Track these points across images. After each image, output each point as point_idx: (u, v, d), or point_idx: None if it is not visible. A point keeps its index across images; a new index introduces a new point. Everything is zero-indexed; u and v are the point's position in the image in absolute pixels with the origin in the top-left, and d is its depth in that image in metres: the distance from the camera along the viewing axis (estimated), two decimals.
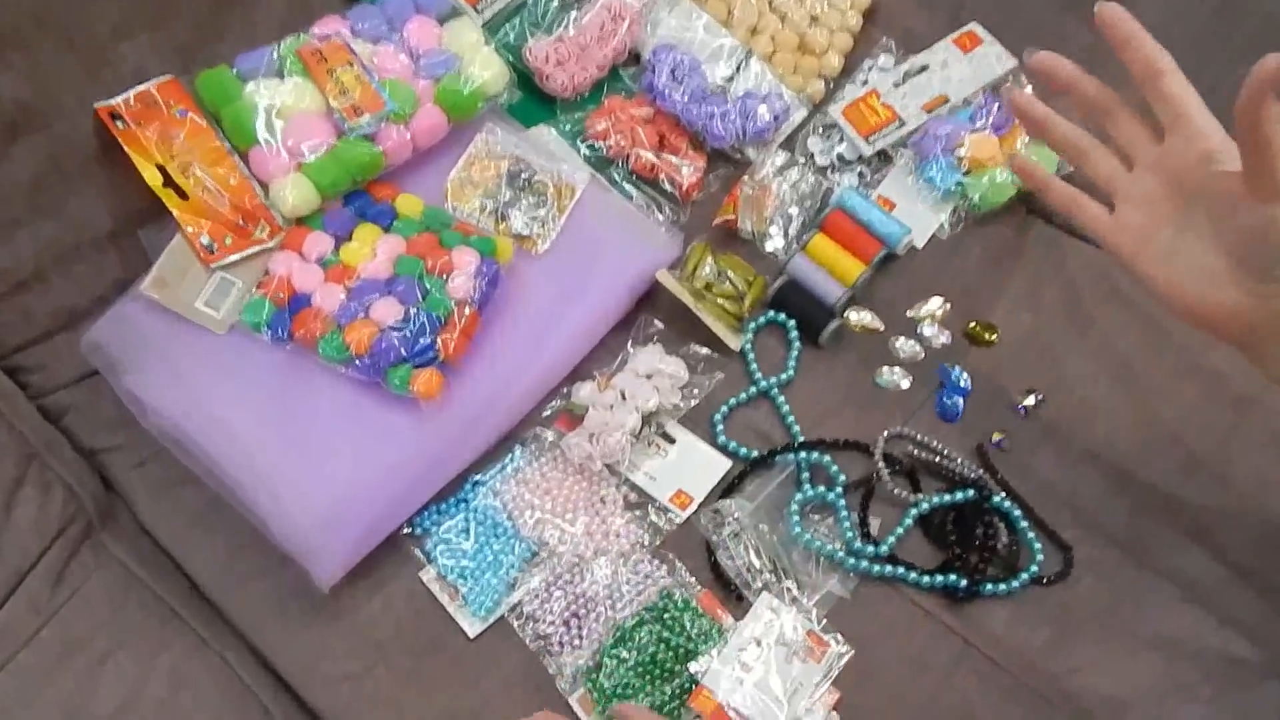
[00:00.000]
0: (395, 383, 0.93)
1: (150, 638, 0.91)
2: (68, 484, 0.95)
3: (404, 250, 1.00)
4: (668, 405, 1.00)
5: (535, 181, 1.07)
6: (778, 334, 1.10)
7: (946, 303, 1.11)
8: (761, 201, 1.15)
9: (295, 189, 0.98)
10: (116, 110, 0.98)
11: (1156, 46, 0.70)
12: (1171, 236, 0.72)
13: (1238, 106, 0.61)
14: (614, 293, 1.05)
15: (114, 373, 0.95)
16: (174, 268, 0.96)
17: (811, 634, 0.89)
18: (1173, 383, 1.04)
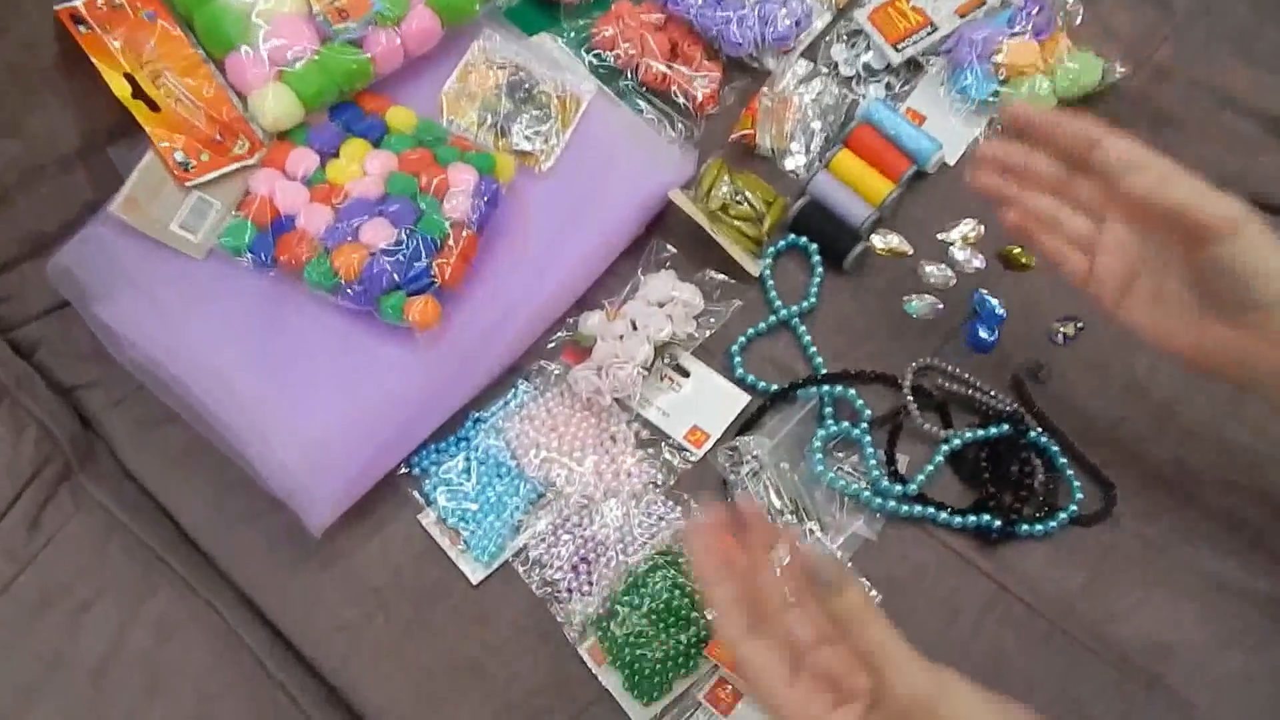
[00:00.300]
0: (388, 311, 0.86)
1: (134, 585, 0.86)
2: (42, 423, 0.89)
3: (396, 167, 0.92)
4: (681, 335, 0.93)
5: (537, 93, 0.99)
6: (798, 259, 1.02)
7: (980, 224, 1.03)
8: (781, 115, 1.07)
9: (276, 100, 0.90)
10: (78, 13, 0.90)
11: (1077, 120, 0.74)
12: (1151, 281, 0.73)
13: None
14: (623, 214, 0.98)
15: (84, 301, 0.88)
16: (146, 187, 0.88)
17: None
18: None
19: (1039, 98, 1.05)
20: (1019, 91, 1.05)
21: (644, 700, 0.81)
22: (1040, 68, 1.06)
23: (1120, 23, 1.10)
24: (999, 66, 1.06)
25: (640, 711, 0.81)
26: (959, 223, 1.03)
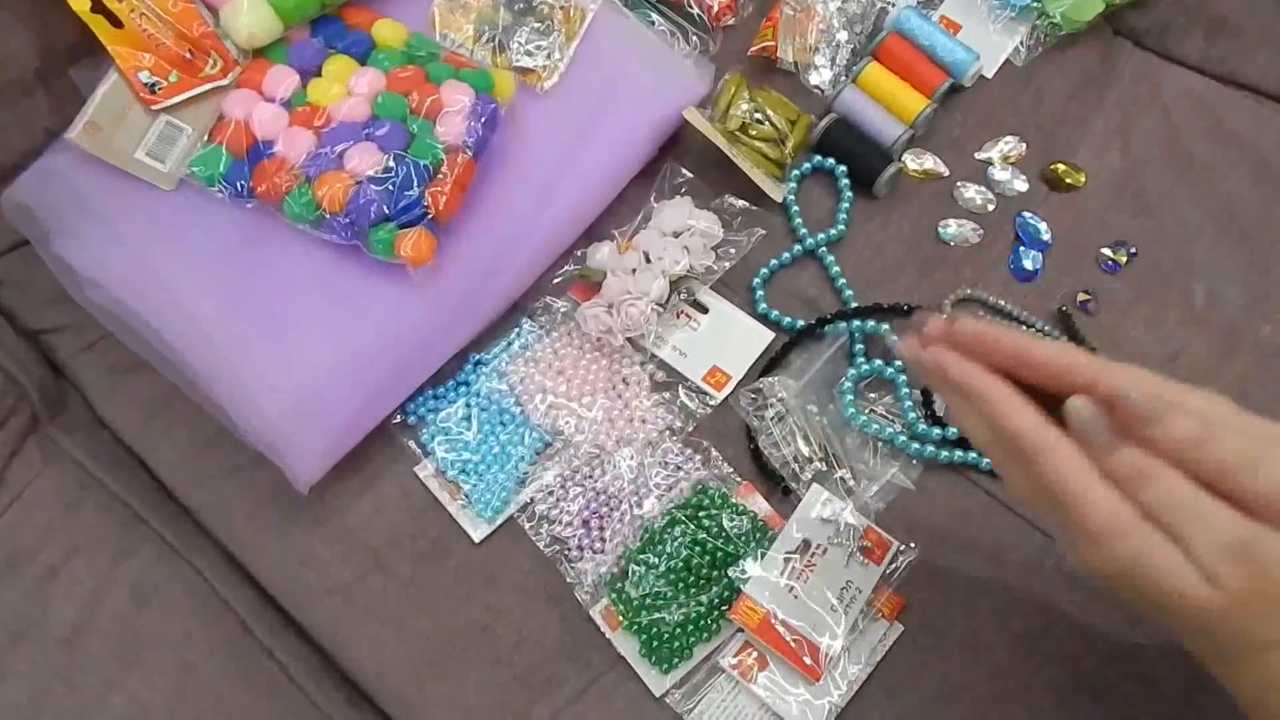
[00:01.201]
0: (377, 245, 0.77)
1: (109, 544, 0.78)
2: (6, 371, 0.80)
3: (384, 87, 0.82)
4: (699, 268, 0.84)
5: (538, 4, 0.89)
6: (825, 182, 0.93)
7: (1022, 142, 0.93)
8: (805, 25, 0.97)
9: (252, 13, 0.80)
10: None
11: (1060, 347, 0.52)
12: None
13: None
14: (634, 136, 0.88)
15: (43, 239, 0.79)
16: (109, 112, 0.79)
17: (870, 530, 0.75)
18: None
19: (1085, 4, 0.95)
20: None
21: (662, 667, 0.73)
22: None
23: None
24: None
25: (657, 679, 0.73)
26: (998, 140, 0.94)
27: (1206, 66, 0.96)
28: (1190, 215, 0.89)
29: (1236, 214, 0.89)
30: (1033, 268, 0.87)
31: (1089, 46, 0.97)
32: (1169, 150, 0.92)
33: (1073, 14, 0.95)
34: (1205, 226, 0.88)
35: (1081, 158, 0.92)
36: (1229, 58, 0.96)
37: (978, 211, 0.90)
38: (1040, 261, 0.87)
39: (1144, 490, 0.47)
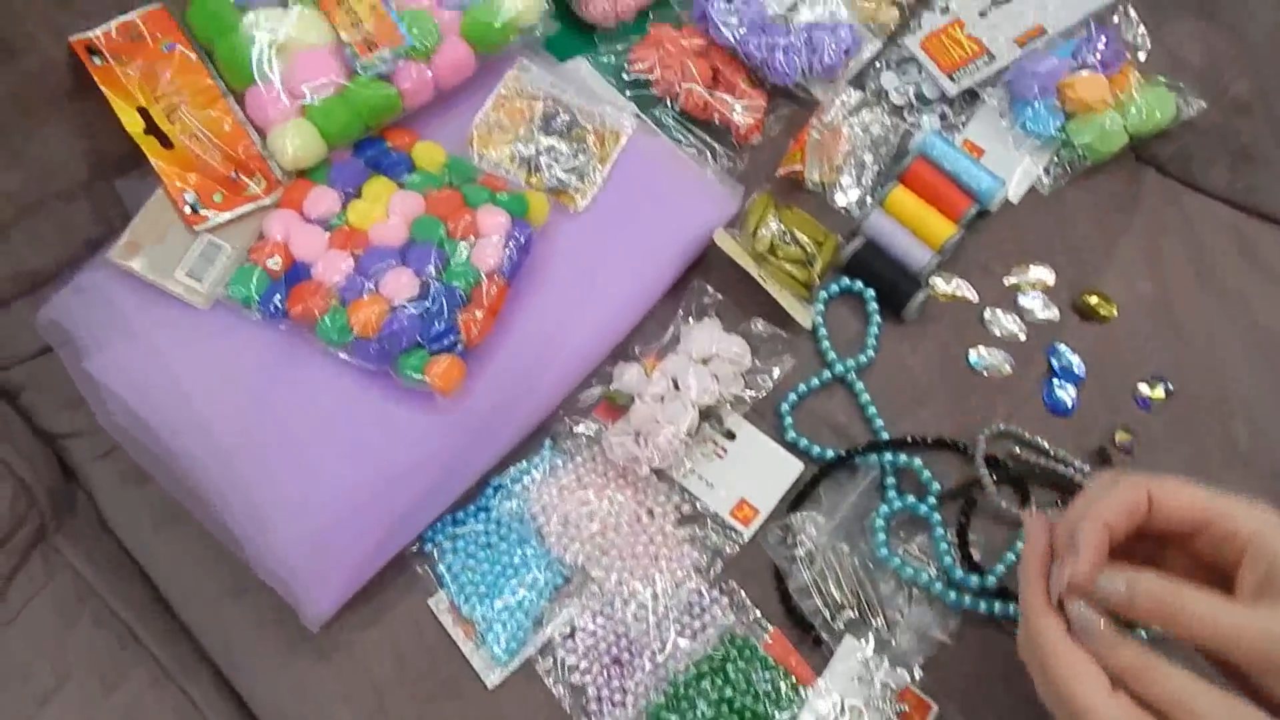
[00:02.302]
0: (407, 372, 0.68)
1: (103, 668, 0.68)
2: (20, 478, 0.72)
3: (422, 209, 0.74)
4: (727, 396, 0.74)
5: (574, 126, 0.80)
6: (852, 303, 0.83)
7: (1051, 269, 0.83)
8: (831, 147, 0.87)
9: (297, 136, 0.72)
10: (94, 44, 0.73)
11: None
12: None
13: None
14: (664, 257, 0.79)
15: (72, 355, 0.71)
16: (151, 230, 0.71)
17: (908, 691, 0.64)
18: None
19: (1110, 135, 0.85)
20: (1086, 129, 0.85)
21: None
22: (1110, 103, 0.86)
23: (1191, 53, 0.89)
24: (1064, 101, 0.86)
25: None
26: (1027, 267, 0.84)
27: (1233, 197, 0.87)
28: (1227, 348, 0.79)
29: (1275, 346, 0.78)
30: (1068, 402, 0.77)
31: (1114, 174, 0.88)
32: (1201, 280, 0.82)
33: (1098, 145, 0.85)
34: (1243, 360, 0.78)
35: (1111, 285, 0.82)
36: (1255, 189, 0.87)
37: (1008, 339, 0.81)
38: (1075, 395, 0.77)
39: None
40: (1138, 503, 0.49)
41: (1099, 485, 0.51)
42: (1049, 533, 0.51)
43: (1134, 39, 0.90)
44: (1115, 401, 0.78)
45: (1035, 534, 0.52)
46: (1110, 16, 0.91)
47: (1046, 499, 0.73)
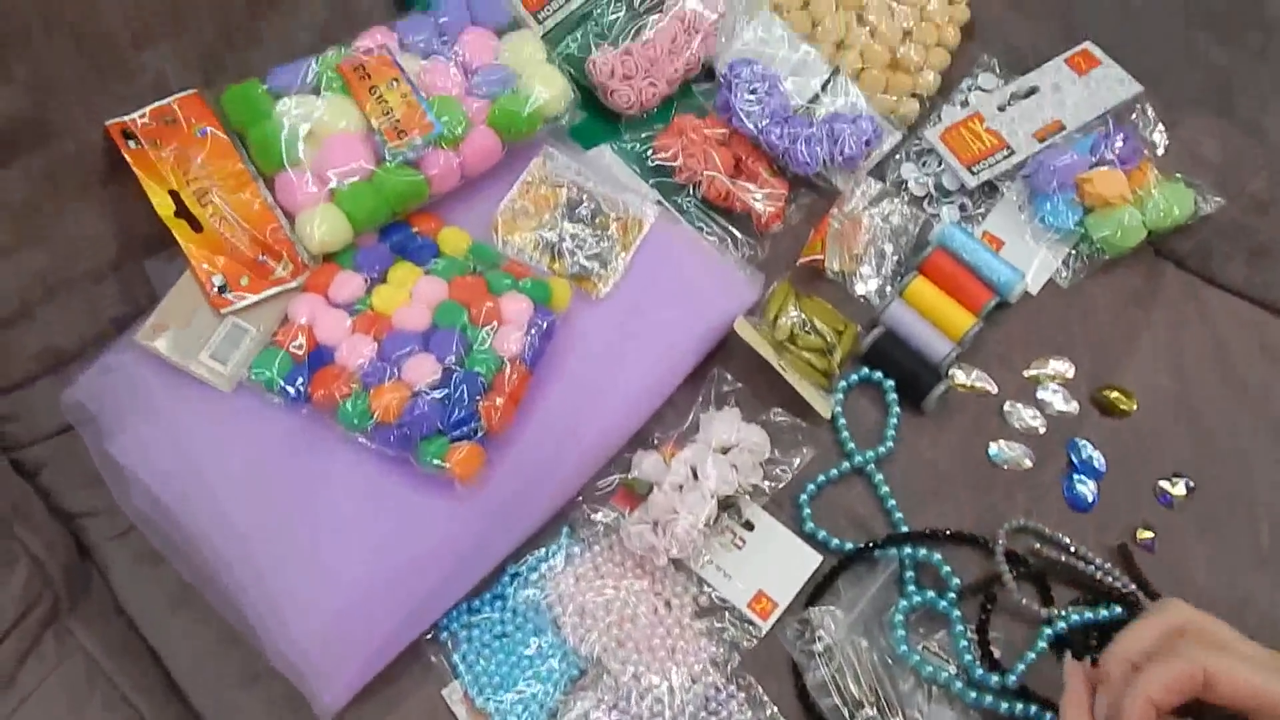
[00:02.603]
0: (427, 459, 0.68)
1: None
2: (35, 557, 0.71)
3: (446, 295, 0.74)
4: (746, 487, 0.74)
5: (598, 214, 0.80)
6: (871, 393, 0.83)
7: (1070, 363, 0.83)
8: (851, 237, 0.88)
9: (325, 221, 0.73)
10: (129, 128, 0.74)
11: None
12: None
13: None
14: (685, 344, 0.79)
15: (94, 437, 0.71)
16: (178, 312, 0.72)
17: None
18: None
19: (1130, 230, 0.85)
20: (1104, 224, 0.86)
21: None
22: (1128, 199, 0.86)
23: (1209, 151, 0.90)
24: (1083, 195, 0.86)
25: None
26: (1047, 361, 0.83)
27: (1251, 293, 0.87)
28: (1249, 444, 0.78)
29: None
30: (1089, 498, 0.76)
31: (1133, 268, 0.88)
32: (1221, 375, 0.82)
33: (1116, 240, 0.86)
34: (1265, 457, 0.78)
35: (1131, 379, 0.82)
36: (1273, 285, 0.87)
37: (1028, 433, 0.80)
38: (1095, 491, 0.76)
39: None
40: (1192, 682, 0.49)
41: (1147, 629, 0.51)
42: (1086, 681, 0.50)
43: (1151, 135, 0.91)
44: (1136, 497, 0.77)
45: (1074, 684, 0.51)
46: (1128, 113, 0.92)
47: (1067, 596, 0.72)
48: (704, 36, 0.92)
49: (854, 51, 0.94)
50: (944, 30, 0.95)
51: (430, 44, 0.81)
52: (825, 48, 0.94)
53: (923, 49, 0.95)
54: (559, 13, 0.90)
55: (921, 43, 0.95)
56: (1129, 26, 0.95)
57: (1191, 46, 0.94)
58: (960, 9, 0.95)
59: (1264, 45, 0.91)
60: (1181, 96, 0.92)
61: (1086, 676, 0.52)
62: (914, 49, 0.94)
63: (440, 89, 0.79)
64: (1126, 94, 0.92)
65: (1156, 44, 0.94)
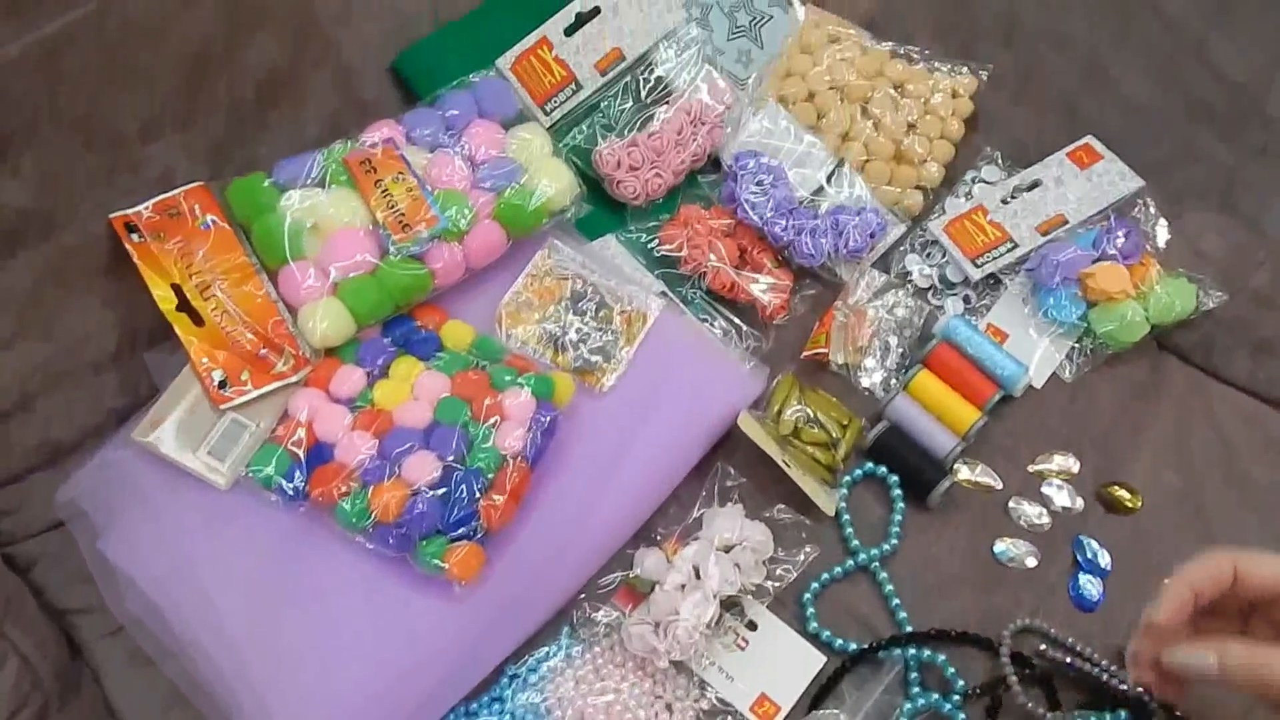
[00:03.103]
0: (425, 559, 0.66)
1: None
2: (25, 656, 0.69)
3: (447, 390, 0.73)
4: (749, 586, 0.72)
5: (602, 307, 0.80)
6: (876, 488, 0.81)
7: (1075, 458, 0.82)
8: (856, 329, 0.87)
9: (327, 316, 0.73)
10: (133, 221, 0.74)
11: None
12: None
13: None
14: (688, 439, 0.78)
15: (88, 537, 0.69)
16: (176, 407, 0.71)
17: None
18: None
19: (1132, 326, 0.85)
20: (1108, 318, 0.85)
21: None
22: (1131, 293, 0.86)
23: (1210, 246, 0.90)
24: (1087, 290, 0.86)
25: None
26: (1051, 456, 0.82)
27: (1255, 388, 0.86)
28: (1255, 542, 0.76)
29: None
30: (1094, 598, 0.74)
31: (1137, 362, 0.87)
32: (1226, 471, 0.80)
33: (1119, 334, 0.85)
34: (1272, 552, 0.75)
35: (1136, 474, 0.81)
36: (1278, 381, 0.85)
37: (1033, 529, 0.78)
38: (1101, 589, 0.75)
39: None
40: (1222, 572, 0.53)
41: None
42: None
43: (1154, 230, 0.91)
44: (1143, 596, 0.75)
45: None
46: (1130, 208, 0.92)
47: (1074, 699, 0.70)
48: (710, 128, 0.93)
49: (858, 143, 0.94)
50: (948, 123, 0.96)
51: (436, 137, 0.81)
52: (830, 139, 0.95)
53: (927, 141, 0.95)
54: (566, 104, 0.90)
55: (925, 135, 0.95)
56: (1131, 121, 0.96)
57: (1193, 142, 0.94)
58: (963, 102, 0.96)
59: (1265, 142, 0.91)
60: (1183, 191, 0.92)
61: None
62: (918, 141, 0.94)
63: (446, 182, 0.78)
64: (1128, 189, 0.92)
65: (1158, 139, 0.95)
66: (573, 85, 0.89)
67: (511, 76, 0.88)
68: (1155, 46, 0.94)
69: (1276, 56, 0.90)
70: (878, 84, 0.95)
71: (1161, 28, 0.94)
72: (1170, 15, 0.93)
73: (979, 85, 0.96)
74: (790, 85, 0.96)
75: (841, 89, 0.95)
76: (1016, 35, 0.99)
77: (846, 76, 0.95)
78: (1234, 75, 0.91)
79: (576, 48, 0.89)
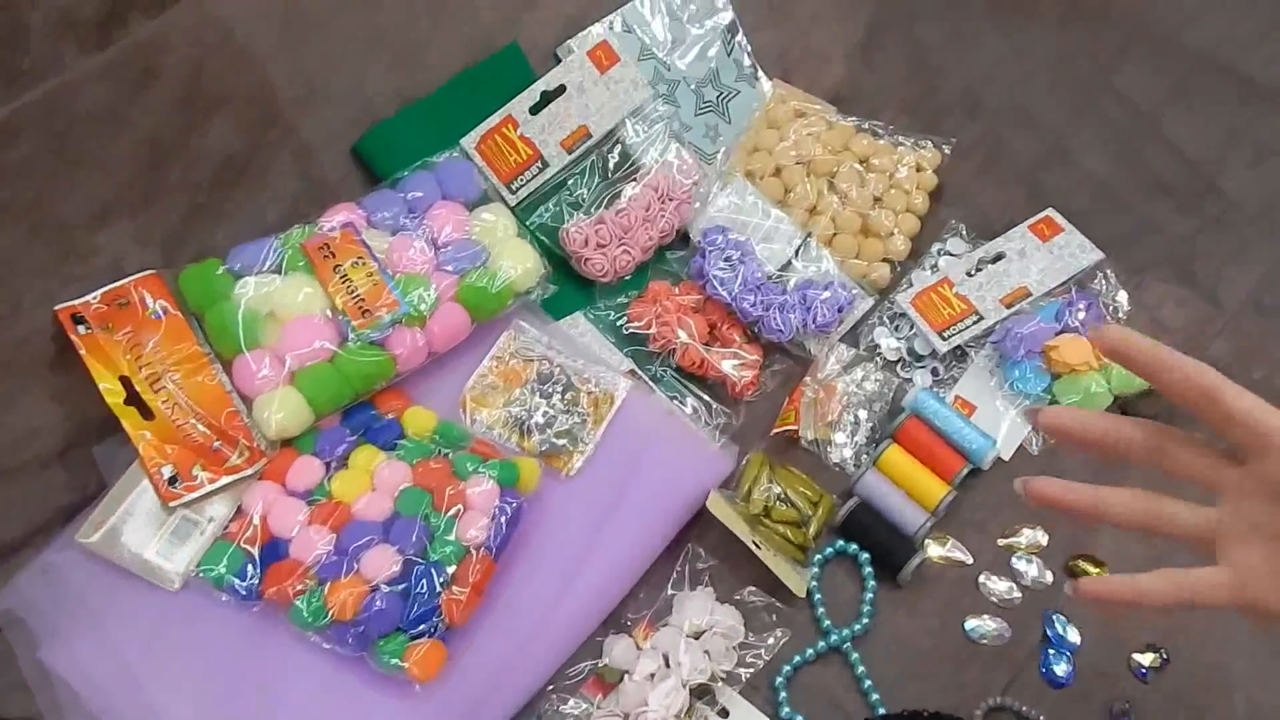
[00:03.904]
0: (384, 658, 0.63)
1: None
2: None
3: (409, 480, 0.70)
4: (720, 673, 0.69)
5: (568, 389, 0.77)
6: (847, 564, 0.79)
7: (1043, 531, 0.80)
8: (825, 405, 0.85)
9: (284, 406, 0.69)
10: (80, 312, 0.70)
11: (1191, 361, 0.48)
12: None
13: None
14: (657, 522, 0.76)
15: (28, 647, 0.65)
16: (123, 506, 0.67)
17: None
18: None
19: (1095, 396, 0.83)
20: (1071, 389, 0.84)
21: None
22: (1093, 365, 0.84)
23: (1169, 316, 0.89)
24: (1050, 362, 0.84)
25: None
26: (1020, 529, 0.80)
27: None
28: (1221, 615, 0.73)
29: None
30: (1064, 674, 0.72)
31: None
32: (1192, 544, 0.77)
33: (1083, 406, 0.83)
34: (1238, 627, 0.74)
35: (1104, 547, 0.79)
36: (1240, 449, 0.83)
37: (1004, 604, 0.76)
38: (1071, 666, 0.72)
39: None
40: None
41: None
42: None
43: (1114, 301, 0.90)
44: (1112, 671, 0.73)
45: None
46: (1091, 279, 0.91)
47: None
48: (678, 204, 0.91)
49: (825, 217, 0.93)
50: (913, 196, 0.95)
51: (398, 220, 0.78)
52: (797, 214, 0.93)
53: (892, 215, 0.94)
54: (532, 182, 0.88)
55: (891, 209, 0.94)
56: (1092, 195, 0.96)
57: (1151, 215, 0.94)
58: (928, 176, 0.95)
59: (1220, 214, 0.91)
60: (1143, 263, 0.91)
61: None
62: (884, 215, 0.93)
63: (407, 266, 0.76)
64: (1088, 261, 0.91)
65: (1118, 212, 0.94)
66: (539, 163, 0.88)
67: (476, 156, 0.86)
68: (1114, 123, 0.94)
69: (1229, 133, 0.91)
70: (844, 158, 0.94)
71: (1120, 106, 0.95)
72: (1128, 94, 0.94)
73: (943, 159, 0.95)
74: (757, 160, 0.95)
75: (808, 163, 0.94)
76: (980, 112, 0.99)
77: (813, 151, 0.94)
78: (1190, 151, 0.91)
79: (542, 126, 0.88)
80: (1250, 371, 0.86)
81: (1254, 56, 0.90)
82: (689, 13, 0.97)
